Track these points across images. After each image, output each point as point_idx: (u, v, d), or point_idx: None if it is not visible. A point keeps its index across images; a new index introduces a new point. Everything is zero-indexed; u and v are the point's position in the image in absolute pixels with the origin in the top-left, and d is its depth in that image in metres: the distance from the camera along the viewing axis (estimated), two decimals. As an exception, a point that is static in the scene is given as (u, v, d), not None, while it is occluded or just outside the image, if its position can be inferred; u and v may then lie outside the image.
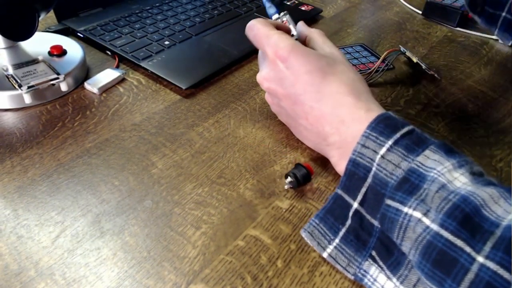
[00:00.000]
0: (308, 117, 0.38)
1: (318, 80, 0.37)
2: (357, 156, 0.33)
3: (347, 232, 0.33)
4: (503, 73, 0.63)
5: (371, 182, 0.32)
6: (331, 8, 0.80)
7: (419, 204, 0.28)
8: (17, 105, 0.47)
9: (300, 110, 0.39)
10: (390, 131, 0.32)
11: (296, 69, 0.38)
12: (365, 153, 0.33)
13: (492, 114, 0.53)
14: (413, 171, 0.30)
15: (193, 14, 0.69)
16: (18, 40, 0.49)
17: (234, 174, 0.41)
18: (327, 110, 0.37)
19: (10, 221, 0.35)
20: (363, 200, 0.33)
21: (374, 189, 0.32)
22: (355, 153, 0.33)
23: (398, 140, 0.32)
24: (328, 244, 0.34)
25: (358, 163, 0.33)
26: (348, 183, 0.34)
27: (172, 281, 0.32)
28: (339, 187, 0.35)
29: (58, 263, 0.32)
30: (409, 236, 0.28)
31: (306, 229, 0.35)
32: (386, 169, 0.31)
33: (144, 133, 0.45)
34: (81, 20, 0.63)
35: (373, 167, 0.32)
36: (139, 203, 0.37)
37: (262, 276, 0.33)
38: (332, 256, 0.33)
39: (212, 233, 0.35)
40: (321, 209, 0.35)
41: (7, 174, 0.39)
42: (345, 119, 0.36)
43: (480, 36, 0.73)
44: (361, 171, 0.33)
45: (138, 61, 0.55)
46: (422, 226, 0.27)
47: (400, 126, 0.32)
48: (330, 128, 0.37)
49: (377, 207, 0.32)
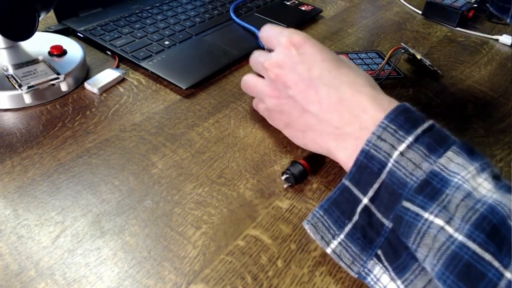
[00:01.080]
0: (322, 102, 0.36)
1: (334, 69, 0.36)
2: (371, 147, 0.31)
3: (353, 228, 0.31)
4: (503, 73, 0.63)
5: (386, 179, 0.30)
6: (331, 8, 0.80)
7: (441, 211, 0.27)
8: (17, 105, 0.47)
9: (313, 94, 0.36)
10: (411, 125, 0.30)
11: (312, 56, 0.37)
12: (381, 146, 0.30)
13: (492, 114, 0.53)
14: (435, 174, 0.28)
15: (193, 14, 0.69)
16: (18, 40, 0.49)
17: (234, 174, 0.41)
18: (346, 96, 0.34)
19: (10, 221, 0.35)
20: (375, 197, 0.31)
21: (390, 188, 0.30)
22: (369, 144, 0.31)
23: (419, 136, 0.29)
24: (332, 239, 0.32)
25: (372, 155, 0.31)
26: (358, 175, 0.32)
27: (172, 281, 0.32)
28: (347, 177, 0.32)
29: (58, 263, 0.32)
30: (427, 243, 0.27)
31: (309, 221, 0.33)
32: (406, 168, 0.29)
33: (144, 133, 0.45)
34: (81, 20, 0.63)
35: (389, 162, 0.30)
36: (139, 203, 0.38)
37: (262, 276, 0.33)
38: (336, 252, 0.32)
39: (212, 233, 0.35)
40: (325, 200, 0.33)
41: (7, 174, 0.39)
42: (367, 107, 0.33)
43: (480, 36, 0.73)
44: (375, 165, 0.30)
45: (138, 61, 0.55)
46: (445, 235, 0.26)
47: (420, 121, 0.30)
48: (349, 115, 0.34)
49: (391, 206, 0.30)
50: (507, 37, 0.71)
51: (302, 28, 0.71)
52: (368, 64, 0.61)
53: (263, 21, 0.69)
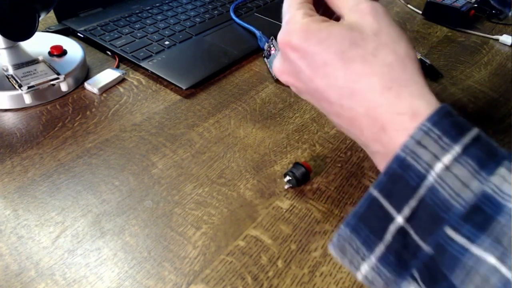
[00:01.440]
0: (340, 117, 0.30)
1: (340, 72, 0.29)
2: (408, 155, 0.25)
3: (386, 251, 0.26)
4: (503, 73, 0.63)
5: (426, 197, 0.25)
6: (331, 8, 0.80)
7: (492, 244, 0.23)
8: (17, 105, 0.47)
9: (329, 108, 0.31)
10: (457, 132, 0.25)
11: (311, 60, 0.30)
12: (420, 154, 0.25)
13: (492, 114, 0.53)
14: (487, 197, 0.23)
15: (193, 14, 0.69)
16: (18, 40, 0.49)
17: (234, 174, 0.41)
18: (360, 111, 0.28)
19: (11, 221, 0.35)
20: (412, 217, 0.26)
21: (431, 209, 0.25)
22: (406, 150, 0.25)
23: (468, 146, 0.24)
24: (361, 261, 0.27)
25: (409, 165, 0.25)
26: (391, 187, 0.26)
27: (172, 281, 0.32)
28: (375, 187, 0.27)
29: (58, 264, 0.32)
30: (476, 283, 0.23)
31: (335, 244, 0.28)
32: (452, 186, 0.24)
33: (144, 133, 0.45)
34: (81, 20, 0.63)
35: (429, 176, 0.24)
36: (139, 203, 0.37)
37: (263, 276, 0.33)
38: (369, 278, 0.27)
39: (213, 233, 0.35)
40: (352, 215, 0.27)
41: (7, 174, 0.39)
42: (386, 126, 0.27)
43: (480, 36, 0.73)
44: (412, 177, 0.25)
45: (138, 61, 0.55)
46: (498, 277, 0.22)
47: (467, 127, 0.25)
48: (370, 134, 0.29)
49: (431, 230, 0.25)
50: (507, 37, 0.71)
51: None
52: None
53: (263, 21, 0.69)
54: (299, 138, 0.46)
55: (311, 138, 0.46)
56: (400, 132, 0.27)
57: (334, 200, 0.39)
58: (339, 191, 0.40)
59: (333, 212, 0.38)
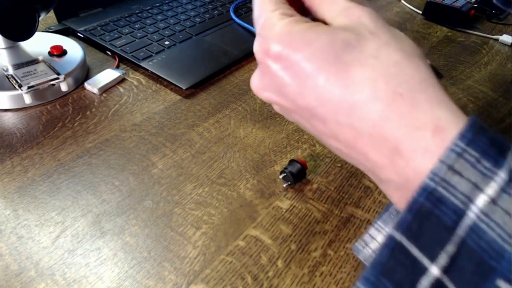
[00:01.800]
0: (338, 138, 0.24)
1: (335, 81, 0.22)
2: (438, 184, 0.19)
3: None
4: (503, 73, 0.63)
5: (468, 240, 0.19)
6: (331, 8, 0.80)
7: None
8: (17, 105, 0.47)
9: (323, 127, 0.24)
10: (497, 151, 0.19)
11: (297, 69, 0.23)
12: (455, 183, 0.19)
13: (492, 114, 0.53)
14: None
15: (193, 14, 0.69)
16: (18, 40, 0.49)
17: (234, 174, 0.41)
18: (363, 128, 0.22)
19: (11, 221, 0.35)
20: (452, 266, 0.19)
21: (475, 255, 0.19)
22: (436, 179, 0.20)
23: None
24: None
25: (441, 197, 0.19)
26: (419, 227, 0.20)
27: (172, 281, 0.32)
28: (398, 228, 0.20)
29: (58, 263, 0.32)
30: None
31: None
32: (502, 225, 0.18)
33: (144, 133, 0.45)
34: (81, 20, 0.63)
35: (469, 212, 0.19)
36: (139, 203, 0.37)
37: (263, 276, 0.33)
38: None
39: (213, 233, 0.35)
40: (371, 268, 0.21)
41: (7, 174, 0.39)
42: (400, 146, 0.21)
43: (480, 36, 0.73)
44: (447, 213, 0.19)
45: (138, 61, 0.55)
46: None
47: (505, 145, 0.19)
48: (377, 158, 0.22)
49: (478, 283, 0.19)
50: (507, 37, 0.71)
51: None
52: None
53: (263, 21, 0.69)
54: (299, 138, 0.46)
55: (311, 138, 0.46)
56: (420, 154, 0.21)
57: (334, 200, 0.39)
58: (339, 191, 0.40)
59: (333, 212, 0.38)
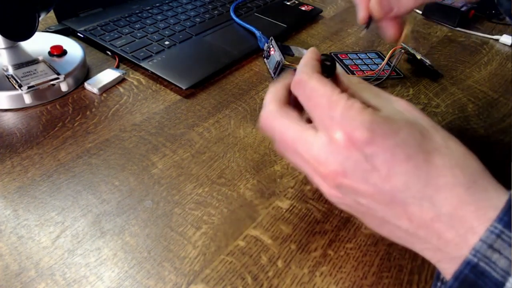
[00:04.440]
0: (412, 218, 0.26)
1: (423, 167, 0.25)
2: (480, 260, 0.23)
3: None
4: (503, 73, 0.63)
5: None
6: (331, 8, 0.80)
7: None
8: (17, 105, 0.47)
9: (401, 211, 0.26)
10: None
11: (386, 158, 0.25)
12: (494, 260, 0.22)
13: (492, 114, 0.53)
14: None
15: (193, 14, 0.69)
16: (18, 40, 0.49)
17: (234, 174, 0.41)
18: (445, 210, 0.25)
19: (11, 221, 0.35)
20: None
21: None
22: (478, 255, 0.23)
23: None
24: None
25: (483, 271, 0.23)
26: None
27: (172, 281, 0.32)
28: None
29: (58, 263, 0.32)
30: None
31: None
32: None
33: (144, 133, 0.45)
34: (81, 20, 0.63)
35: (508, 283, 0.22)
36: (139, 203, 0.37)
37: (263, 276, 0.33)
38: None
39: (213, 233, 0.35)
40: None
41: (7, 174, 0.39)
42: (474, 224, 0.24)
43: (480, 36, 0.73)
44: (487, 284, 0.23)
45: (138, 61, 0.55)
46: None
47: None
48: (452, 236, 0.25)
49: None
50: (507, 37, 0.71)
51: (303, 28, 0.71)
52: (368, 64, 0.61)
53: (263, 21, 0.69)
54: (299, 138, 0.46)
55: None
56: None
57: (334, 200, 0.39)
58: (339, 191, 0.40)
59: (333, 212, 0.38)
